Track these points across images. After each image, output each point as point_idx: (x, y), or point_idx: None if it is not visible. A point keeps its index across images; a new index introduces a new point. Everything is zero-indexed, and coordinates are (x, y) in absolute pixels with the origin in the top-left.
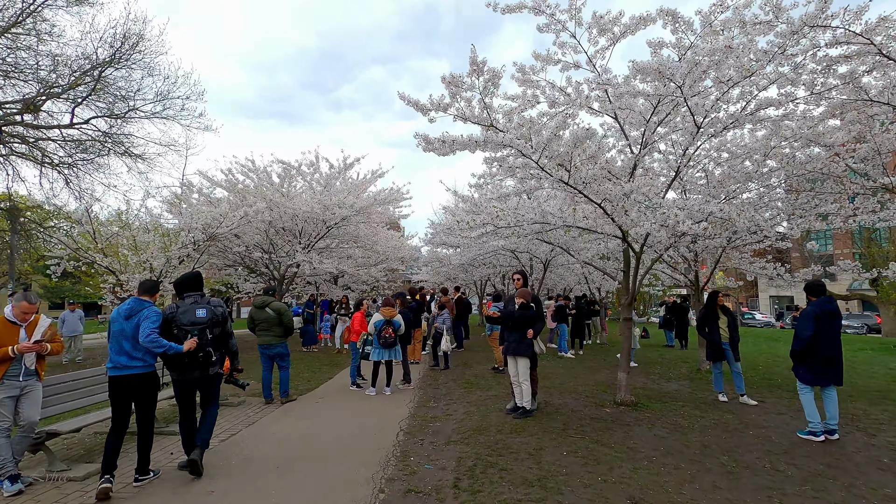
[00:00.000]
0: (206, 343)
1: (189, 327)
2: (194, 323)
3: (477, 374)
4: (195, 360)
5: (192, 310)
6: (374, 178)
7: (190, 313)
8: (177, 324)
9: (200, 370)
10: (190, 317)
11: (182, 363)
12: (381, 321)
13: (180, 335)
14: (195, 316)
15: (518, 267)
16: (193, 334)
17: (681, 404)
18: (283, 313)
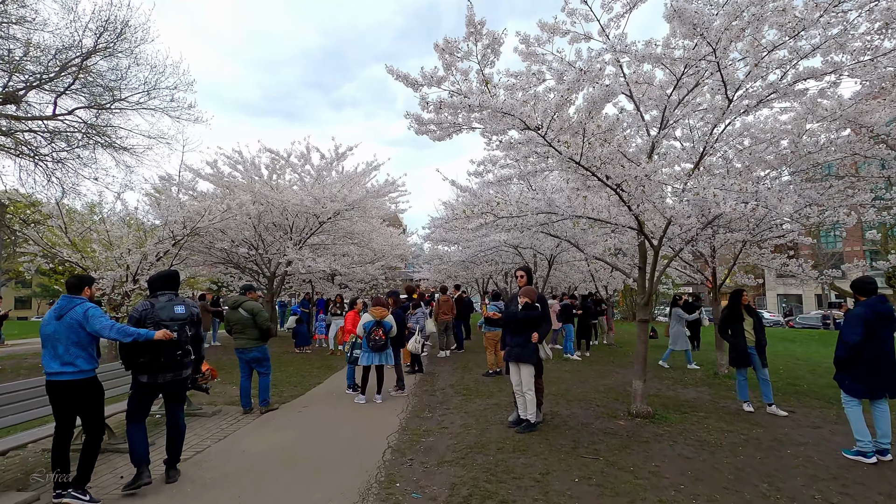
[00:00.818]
0: (186, 339)
1: (168, 323)
2: (174, 318)
3: (477, 378)
4: (172, 358)
5: (170, 306)
6: (369, 170)
7: (168, 309)
8: (153, 320)
9: (174, 372)
10: (169, 312)
11: (157, 363)
12: (371, 322)
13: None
14: (174, 312)
15: (521, 263)
16: (173, 329)
17: (703, 415)
18: (257, 314)
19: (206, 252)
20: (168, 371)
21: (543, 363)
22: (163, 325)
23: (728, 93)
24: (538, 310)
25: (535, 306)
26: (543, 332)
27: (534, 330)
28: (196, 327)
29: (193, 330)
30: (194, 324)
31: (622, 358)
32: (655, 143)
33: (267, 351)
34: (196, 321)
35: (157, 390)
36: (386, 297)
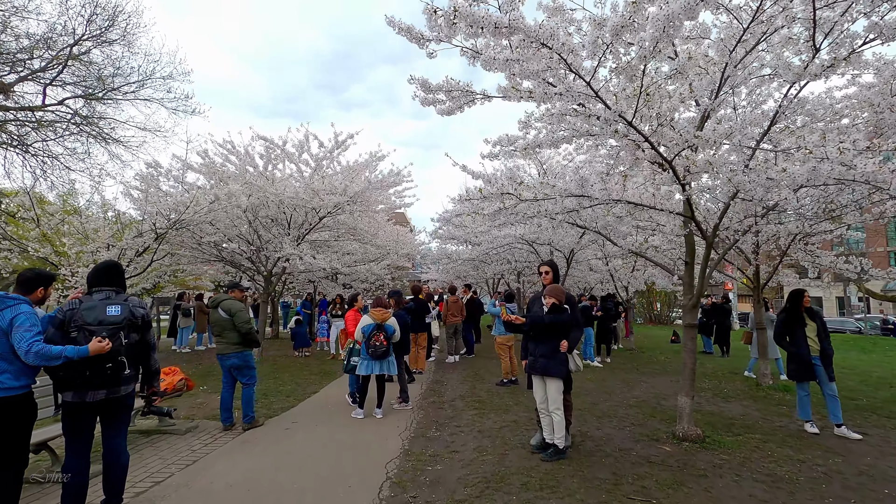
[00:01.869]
0: (119, 348)
1: (95, 327)
2: (102, 322)
3: (490, 388)
4: (101, 372)
5: (102, 306)
6: (372, 161)
7: (98, 310)
8: (76, 324)
9: (108, 389)
10: (97, 314)
11: (82, 377)
12: (371, 325)
13: (80, 339)
14: (105, 313)
15: (536, 262)
16: (101, 336)
17: (760, 438)
18: (235, 314)
19: (197, 248)
20: (98, 388)
21: (572, 375)
22: (87, 331)
23: (815, 39)
24: (567, 312)
25: (564, 308)
26: (574, 339)
27: (562, 337)
28: (142, 332)
29: (138, 335)
30: (138, 328)
31: (647, 364)
32: (709, 114)
33: (249, 358)
34: (142, 324)
35: (89, 411)
36: (388, 298)
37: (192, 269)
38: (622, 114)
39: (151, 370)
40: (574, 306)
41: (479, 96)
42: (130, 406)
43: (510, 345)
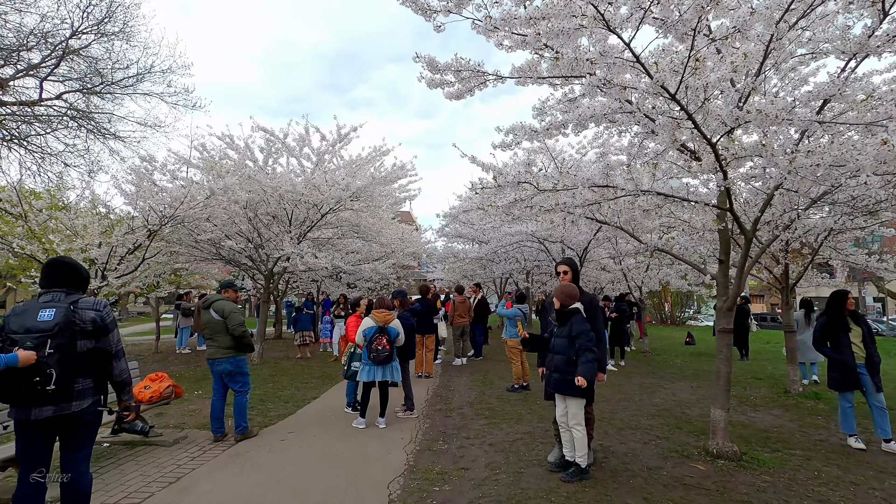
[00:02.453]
0: (44, 361)
1: (19, 336)
2: (29, 330)
3: (500, 394)
4: (30, 387)
5: (34, 311)
6: (376, 155)
7: (26, 316)
8: (4, 332)
9: (55, 405)
10: (24, 320)
11: (18, 392)
12: (373, 328)
13: (5, 349)
14: (35, 319)
15: (547, 260)
16: (26, 346)
17: (802, 455)
18: (229, 315)
19: (194, 246)
20: (42, 404)
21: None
22: (11, 339)
23: (885, 3)
24: (577, 313)
25: (574, 309)
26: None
27: (586, 347)
28: (96, 338)
29: (92, 343)
30: (89, 334)
31: (663, 368)
32: (752, 91)
33: (242, 364)
34: (94, 330)
35: (37, 431)
36: (391, 298)
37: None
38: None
39: (116, 382)
40: (595, 311)
41: (491, 77)
42: (91, 423)
43: (521, 348)
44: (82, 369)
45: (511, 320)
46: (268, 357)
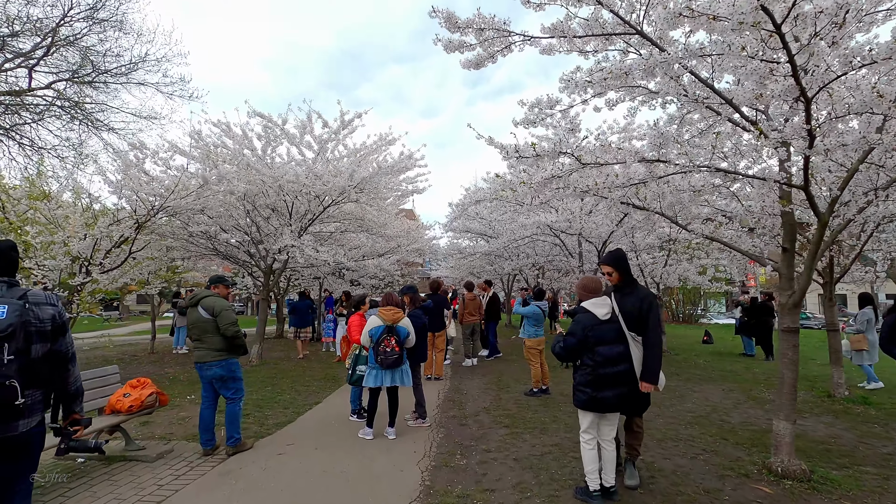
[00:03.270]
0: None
1: None
2: None
3: (518, 399)
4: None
5: None
6: (382, 144)
7: None
8: None
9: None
10: None
11: None
12: (380, 328)
13: None
14: None
15: (560, 254)
16: None
17: (875, 472)
18: (220, 313)
19: (188, 240)
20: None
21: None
22: None
23: None
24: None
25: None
26: (652, 362)
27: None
28: (53, 340)
29: (47, 345)
30: (46, 335)
31: (686, 369)
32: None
33: (235, 368)
34: (52, 329)
35: None
36: (401, 294)
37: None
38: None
39: (70, 392)
40: (652, 306)
41: (517, 38)
42: (38, 447)
43: (541, 348)
44: (35, 379)
45: (529, 319)
46: (267, 358)
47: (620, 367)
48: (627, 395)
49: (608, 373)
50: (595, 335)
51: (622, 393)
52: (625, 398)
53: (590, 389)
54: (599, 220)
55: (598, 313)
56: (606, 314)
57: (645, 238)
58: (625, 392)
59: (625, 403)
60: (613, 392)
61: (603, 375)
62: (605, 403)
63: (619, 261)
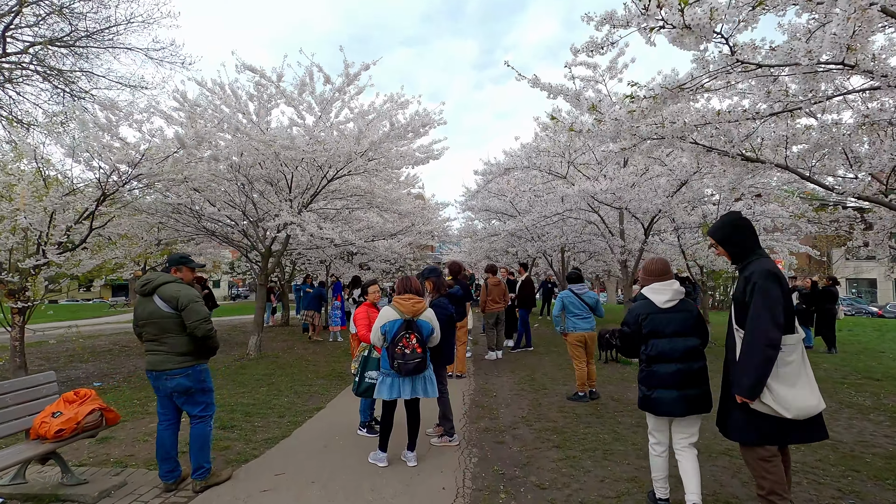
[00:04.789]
0: None
1: None
2: None
3: (561, 405)
4: None
5: None
6: (394, 107)
7: None
8: None
9: None
10: None
11: None
12: (396, 323)
13: None
14: None
15: (595, 232)
16: None
17: None
18: (188, 306)
19: (171, 216)
20: None
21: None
22: None
23: None
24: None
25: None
26: (743, 365)
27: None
28: None
29: None
30: None
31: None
32: None
33: (206, 376)
34: None
35: None
36: (422, 279)
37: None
38: None
39: None
40: (755, 291)
41: None
42: None
43: (583, 343)
44: None
45: (572, 308)
46: (267, 349)
47: (682, 364)
48: (696, 399)
49: (664, 371)
50: (650, 325)
51: (685, 395)
52: (691, 402)
53: (644, 387)
54: (654, 191)
55: (656, 300)
56: (668, 301)
57: (689, 215)
58: (691, 395)
59: (691, 407)
60: (671, 394)
61: (656, 373)
62: (660, 405)
63: (726, 228)
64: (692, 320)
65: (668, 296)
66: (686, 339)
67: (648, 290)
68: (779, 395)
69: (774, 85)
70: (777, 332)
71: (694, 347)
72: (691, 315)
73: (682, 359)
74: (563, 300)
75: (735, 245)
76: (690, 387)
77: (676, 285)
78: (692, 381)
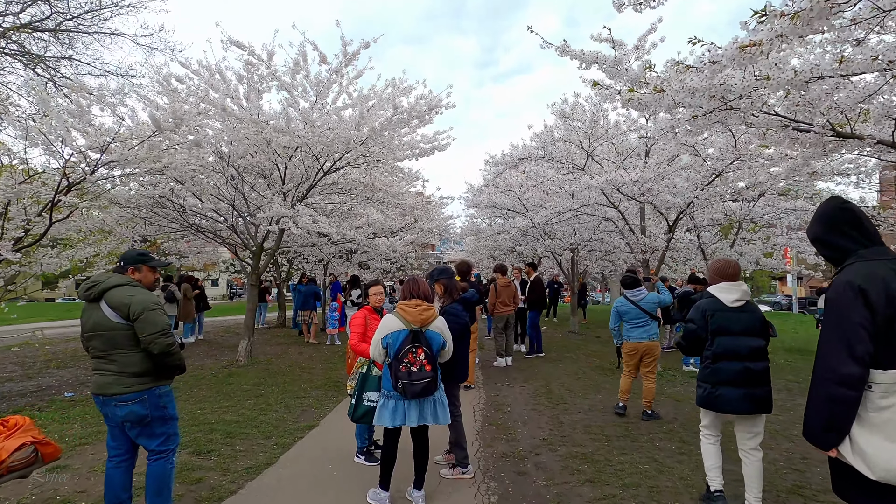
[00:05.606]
0: None
1: None
2: None
3: (588, 423)
4: None
5: None
6: (396, 92)
7: None
8: None
9: None
10: None
11: None
12: (400, 335)
13: None
14: None
15: (613, 230)
16: None
17: None
18: (142, 314)
19: (151, 209)
20: None
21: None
22: None
23: None
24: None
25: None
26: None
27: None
28: None
29: None
30: None
31: (776, 373)
32: None
33: (167, 401)
34: None
35: None
36: (430, 281)
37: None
38: None
39: None
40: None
41: None
42: None
43: (644, 354)
44: None
45: (633, 316)
46: (259, 354)
47: (747, 363)
48: (761, 398)
49: (729, 368)
50: (717, 322)
51: (751, 394)
52: (756, 401)
53: (708, 385)
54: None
55: (724, 298)
56: (736, 301)
57: (710, 213)
58: (756, 394)
59: (756, 406)
60: (737, 391)
61: (721, 370)
62: (725, 403)
63: (818, 223)
64: (758, 322)
65: (737, 295)
66: (751, 338)
67: (716, 288)
68: (861, 447)
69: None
70: (853, 367)
71: (760, 347)
72: (757, 316)
73: (748, 357)
74: (618, 310)
75: (827, 246)
76: (755, 385)
77: (745, 286)
78: (757, 379)
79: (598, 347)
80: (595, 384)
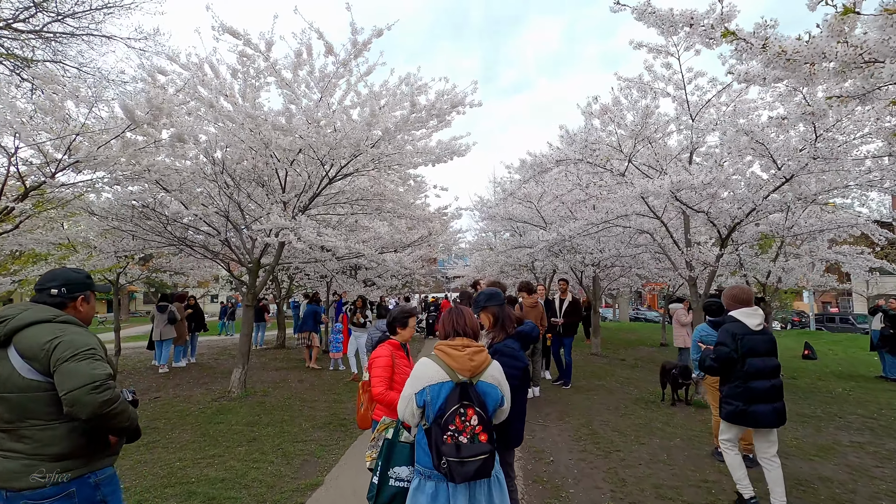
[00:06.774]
0: None
1: None
2: None
3: (656, 482)
4: None
5: None
6: (411, 91)
7: None
8: None
9: None
10: None
11: None
12: (444, 388)
13: None
14: None
15: (652, 245)
16: None
17: None
18: (65, 362)
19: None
20: None
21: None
22: None
23: None
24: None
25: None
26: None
27: None
28: None
29: None
30: None
31: (826, 403)
32: None
33: (104, 495)
34: None
35: None
36: (477, 308)
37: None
38: None
39: None
40: None
41: None
42: None
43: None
44: None
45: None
46: (255, 382)
47: (776, 380)
48: (783, 411)
49: (761, 387)
50: (747, 345)
51: (776, 408)
52: (780, 414)
53: (740, 402)
54: (739, 188)
55: (749, 322)
56: (758, 325)
57: (753, 227)
58: (779, 408)
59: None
60: (767, 407)
61: (755, 389)
62: (761, 417)
63: None
64: (774, 343)
65: (759, 319)
66: (773, 358)
67: (740, 313)
68: None
69: None
70: None
71: (778, 366)
72: (772, 338)
73: (772, 375)
74: (703, 339)
75: None
76: (779, 400)
77: (761, 311)
78: (779, 395)
79: (628, 373)
80: (645, 423)
